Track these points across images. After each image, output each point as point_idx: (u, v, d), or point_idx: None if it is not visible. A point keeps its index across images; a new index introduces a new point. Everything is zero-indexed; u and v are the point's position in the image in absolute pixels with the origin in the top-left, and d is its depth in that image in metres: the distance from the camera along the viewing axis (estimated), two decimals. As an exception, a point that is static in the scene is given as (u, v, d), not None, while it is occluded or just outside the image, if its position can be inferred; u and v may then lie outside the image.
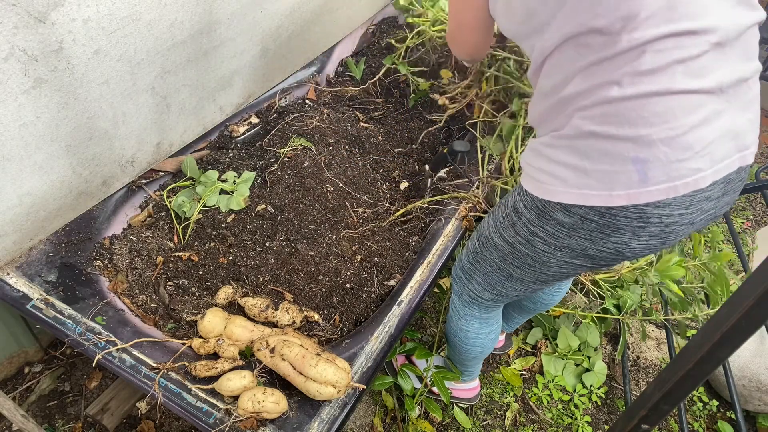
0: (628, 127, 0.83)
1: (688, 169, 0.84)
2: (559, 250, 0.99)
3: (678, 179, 0.84)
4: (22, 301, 1.25)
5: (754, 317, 0.72)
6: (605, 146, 0.86)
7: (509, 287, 1.19)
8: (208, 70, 1.63)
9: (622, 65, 0.82)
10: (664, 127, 0.82)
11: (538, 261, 1.05)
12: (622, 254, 0.95)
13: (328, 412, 1.14)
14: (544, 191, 0.96)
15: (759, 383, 1.77)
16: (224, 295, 1.38)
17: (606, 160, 0.86)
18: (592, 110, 0.87)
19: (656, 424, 1.00)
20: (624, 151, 0.84)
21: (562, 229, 0.96)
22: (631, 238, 0.91)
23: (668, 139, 0.82)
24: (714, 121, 0.83)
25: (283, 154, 1.74)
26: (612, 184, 0.86)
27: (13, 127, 1.18)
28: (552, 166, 0.94)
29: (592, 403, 1.86)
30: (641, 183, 0.85)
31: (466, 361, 1.57)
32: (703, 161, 0.84)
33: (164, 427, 1.60)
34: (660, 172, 0.84)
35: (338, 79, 2.19)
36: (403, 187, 1.82)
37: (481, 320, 1.38)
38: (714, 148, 0.84)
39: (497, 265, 1.16)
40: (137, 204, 1.58)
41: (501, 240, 1.11)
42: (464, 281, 1.32)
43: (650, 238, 0.90)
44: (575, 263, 1.01)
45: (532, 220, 1.00)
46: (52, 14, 1.13)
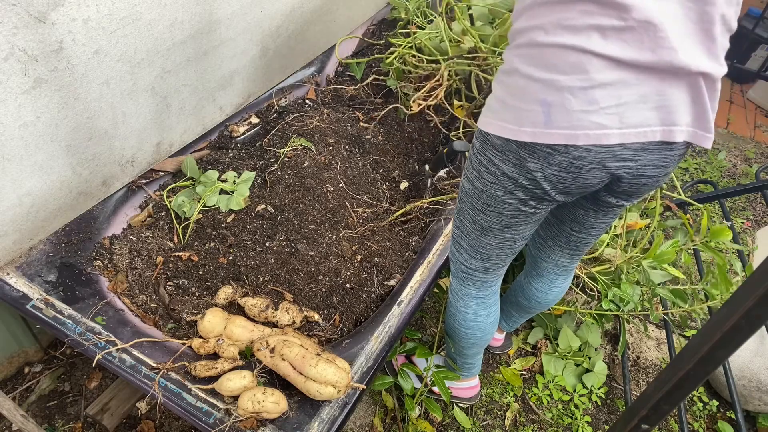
0: (543, 70, 0.89)
1: (591, 122, 0.88)
2: (498, 178, 1.03)
3: (579, 129, 0.89)
4: (22, 301, 1.25)
5: (754, 317, 0.72)
6: (522, 84, 0.92)
7: (486, 243, 1.21)
8: (208, 70, 1.63)
9: (552, 14, 0.88)
10: (573, 77, 0.87)
11: (490, 196, 1.08)
12: (540, 185, 0.99)
13: (328, 412, 1.14)
14: (481, 121, 1.03)
15: (759, 383, 1.77)
16: (224, 295, 1.38)
17: (521, 97, 0.93)
18: (522, 49, 0.93)
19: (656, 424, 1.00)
20: (535, 92, 0.90)
21: (496, 153, 1.01)
22: (544, 165, 0.95)
23: (575, 89, 0.87)
24: (631, 86, 0.87)
25: (283, 154, 1.74)
26: (521, 120, 0.93)
27: (13, 127, 1.18)
28: (491, 98, 1.02)
29: (592, 403, 1.86)
30: (545, 124, 0.91)
31: (465, 350, 1.56)
32: (609, 119, 0.88)
33: (164, 427, 1.60)
34: (563, 117, 0.89)
35: (338, 79, 2.19)
36: (403, 187, 1.82)
37: (478, 300, 1.39)
38: (625, 110, 0.88)
39: (470, 218, 1.19)
40: (137, 204, 1.58)
41: (467, 182, 1.15)
42: (456, 254, 1.34)
43: (560, 168, 0.95)
44: (518, 197, 1.05)
45: (478, 147, 1.06)
46: (52, 14, 1.13)
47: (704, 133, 0.94)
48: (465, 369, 1.66)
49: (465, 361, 1.63)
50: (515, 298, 1.63)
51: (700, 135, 0.94)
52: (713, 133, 0.94)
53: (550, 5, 0.88)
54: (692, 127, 0.93)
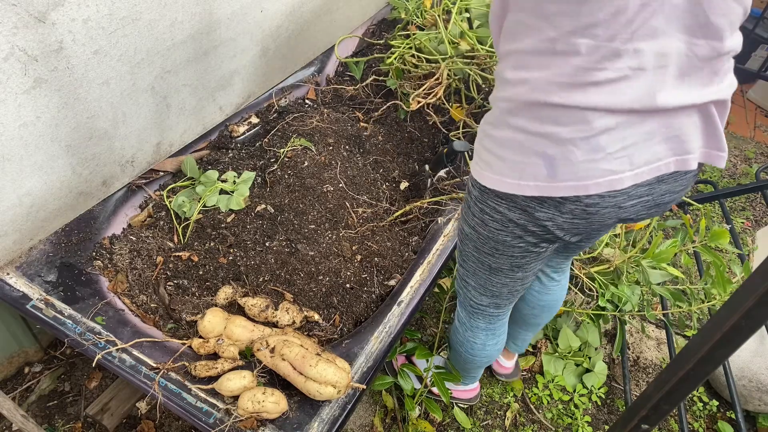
0: (538, 123, 0.85)
1: (599, 170, 0.84)
2: (506, 225, 1.00)
3: (588, 179, 0.84)
4: (22, 301, 1.25)
5: (754, 317, 0.72)
6: (517, 137, 0.88)
7: (496, 282, 1.18)
8: (208, 70, 1.63)
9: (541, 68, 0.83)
10: (574, 128, 0.82)
11: (498, 241, 1.05)
12: (552, 232, 0.96)
13: (328, 412, 1.14)
14: (476, 172, 0.99)
15: (759, 383, 1.77)
16: (224, 295, 1.38)
17: (517, 151, 0.88)
18: (510, 103, 0.88)
19: (656, 424, 1.00)
20: (533, 145, 0.86)
21: (500, 202, 0.97)
22: (555, 215, 0.91)
23: (577, 140, 0.82)
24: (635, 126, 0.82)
25: (283, 154, 1.74)
26: (522, 174, 0.89)
27: (13, 127, 1.18)
28: (480, 149, 0.97)
29: (592, 403, 1.86)
30: (550, 177, 0.86)
31: (471, 370, 1.56)
32: (618, 163, 0.83)
33: (164, 427, 1.60)
34: (568, 170, 0.84)
35: (338, 79, 2.19)
36: (403, 187, 1.82)
37: (487, 332, 1.37)
38: (634, 151, 0.84)
39: (476, 258, 1.15)
40: (137, 204, 1.58)
41: (468, 227, 1.11)
42: (464, 290, 1.31)
43: (573, 216, 0.91)
44: (531, 240, 1.01)
45: (477, 197, 1.02)
46: (52, 14, 1.13)
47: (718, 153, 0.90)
48: (467, 380, 1.66)
49: (467, 375, 1.63)
50: (518, 313, 1.60)
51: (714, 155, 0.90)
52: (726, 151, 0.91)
53: (538, 56, 0.82)
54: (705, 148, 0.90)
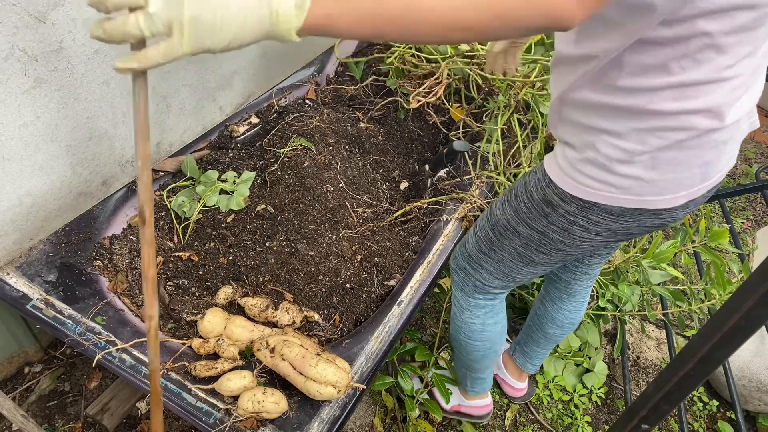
0: (697, 139, 0.88)
1: (730, 157, 0.94)
2: (599, 234, 1.02)
3: (726, 167, 0.95)
4: (22, 301, 1.25)
5: (754, 317, 0.72)
6: (674, 156, 0.89)
7: (526, 272, 1.20)
8: (208, 70, 1.63)
9: (709, 92, 0.84)
10: (724, 132, 0.88)
11: (572, 246, 1.07)
12: (665, 226, 1.02)
13: (328, 412, 1.14)
14: (596, 196, 0.96)
15: (759, 383, 1.77)
16: (224, 295, 1.38)
17: (676, 170, 0.91)
18: (665, 132, 0.87)
19: (656, 424, 1.00)
20: (693, 159, 0.89)
21: (608, 217, 0.98)
22: (678, 210, 0.97)
23: (726, 140, 0.90)
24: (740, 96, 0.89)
25: (283, 154, 1.74)
26: (677, 188, 0.93)
27: (13, 127, 1.18)
28: (610, 176, 0.93)
29: (592, 403, 1.86)
30: (702, 180, 0.93)
31: (474, 363, 1.50)
32: (737, 145, 0.96)
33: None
34: (716, 167, 0.93)
35: (338, 79, 2.19)
36: (403, 187, 1.82)
37: (486, 308, 1.36)
38: (721, 155, 0.93)
39: (517, 252, 1.16)
40: (137, 204, 1.58)
41: (528, 229, 1.10)
42: (470, 271, 1.30)
43: (696, 204, 0.98)
44: (610, 241, 1.05)
45: (572, 211, 1.01)
46: (52, 14, 1.13)
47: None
48: (476, 385, 1.60)
49: (475, 376, 1.57)
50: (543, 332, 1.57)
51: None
52: None
53: (706, 85, 0.83)
54: None
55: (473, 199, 1.62)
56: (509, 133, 1.79)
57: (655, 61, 0.82)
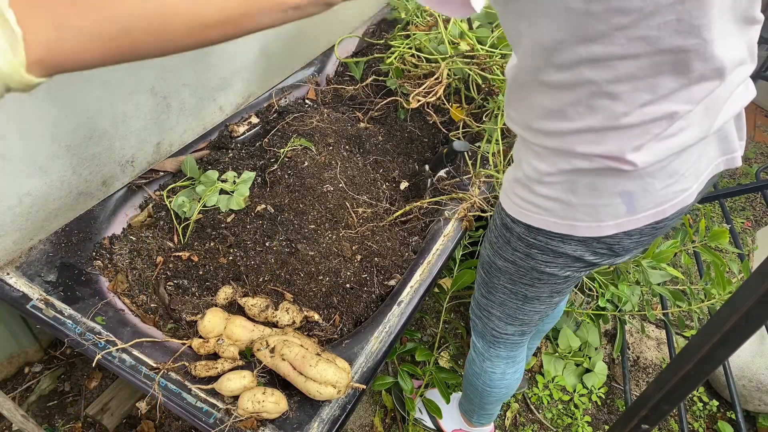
0: (615, 163, 0.82)
1: (675, 192, 0.85)
2: (558, 257, 0.98)
3: (665, 203, 0.86)
4: (22, 301, 1.25)
5: (754, 317, 0.72)
6: (592, 181, 0.85)
7: (529, 310, 1.15)
8: (208, 70, 1.63)
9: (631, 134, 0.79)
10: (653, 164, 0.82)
11: (544, 272, 1.02)
12: (615, 253, 0.95)
13: (328, 412, 1.14)
14: (530, 219, 0.95)
15: (759, 383, 1.77)
16: (224, 295, 1.38)
17: (593, 195, 0.86)
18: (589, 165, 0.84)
19: (656, 424, 1.00)
20: (611, 186, 0.84)
21: (554, 236, 0.94)
22: (623, 238, 0.91)
23: (654, 171, 0.82)
24: (695, 136, 0.82)
25: (283, 154, 1.74)
26: (601, 215, 0.87)
27: (13, 127, 1.18)
28: (536, 198, 0.93)
29: (592, 403, 1.86)
30: (629, 213, 0.86)
31: (487, 405, 1.48)
32: (689, 180, 0.86)
33: (164, 427, 1.60)
34: (647, 201, 0.85)
35: (338, 79, 2.19)
36: (403, 187, 1.82)
37: (508, 360, 1.32)
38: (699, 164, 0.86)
39: (509, 290, 1.12)
40: (137, 204, 1.58)
41: (502, 261, 1.08)
42: (484, 320, 1.26)
43: (642, 235, 0.91)
44: (579, 265, 1.00)
45: (523, 232, 0.99)
46: (52, 14, 1.13)
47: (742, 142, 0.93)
48: (483, 418, 1.59)
49: (484, 413, 1.55)
50: None
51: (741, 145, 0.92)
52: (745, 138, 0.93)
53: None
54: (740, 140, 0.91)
55: (473, 199, 1.62)
56: (509, 133, 1.79)
57: (555, 105, 0.82)
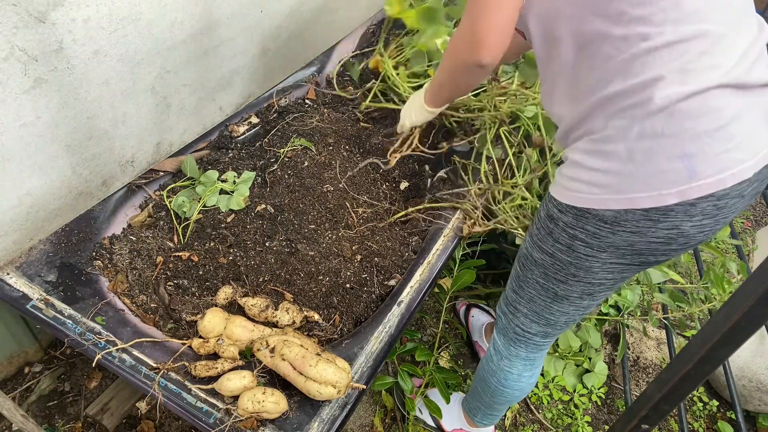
0: (673, 122, 0.82)
1: (734, 160, 0.83)
2: (603, 250, 0.95)
3: (725, 171, 0.83)
4: (22, 301, 1.25)
5: (754, 317, 0.72)
6: (650, 145, 0.84)
7: (556, 311, 1.13)
8: (208, 70, 1.63)
9: (666, 62, 0.83)
10: (707, 119, 0.81)
11: (582, 268, 1.00)
12: (674, 241, 0.90)
13: (328, 412, 1.14)
14: (584, 200, 0.93)
15: (759, 383, 1.77)
16: (224, 295, 1.38)
17: (653, 160, 0.85)
18: (635, 110, 0.85)
19: (656, 424, 1.00)
20: (671, 148, 0.83)
21: (604, 226, 0.91)
22: (683, 220, 0.87)
23: (712, 131, 0.82)
24: (748, 112, 0.84)
25: (283, 154, 1.74)
26: (661, 184, 0.85)
27: (13, 127, 1.18)
28: (590, 174, 0.91)
29: (592, 403, 1.86)
30: (690, 178, 0.83)
31: (496, 405, 1.45)
32: (746, 152, 0.84)
33: (164, 427, 1.60)
34: (707, 165, 0.83)
35: (338, 79, 2.19)
36: (403, 187, 1.82)
37: (526, 362, 1.30)
38: (753, 138, 0.85)
39: (540, 286, 1.10)
40: (137, 204, 1.58)
41: (540, 253, 1.06)
42: (510, 316, 1.25)
43: (703, 216, 0.87)
44: (622, 263, 0.97)
45: (570, 222, 0.96)
46: (51, 14, 1.13)
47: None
48: (486, 419, 1.56)
49: (490, 413, 1.53)
50: None
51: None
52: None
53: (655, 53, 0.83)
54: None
55: (473, 200, 1.61)
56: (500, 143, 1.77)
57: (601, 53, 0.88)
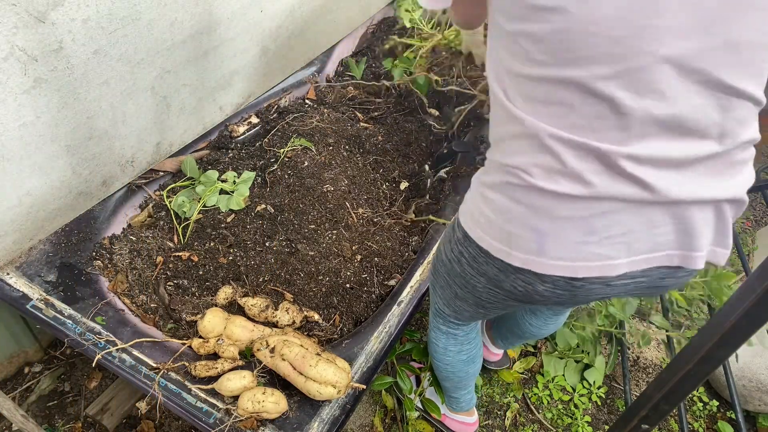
0: (536, 197, 0.77)
1: (592, 253, 0.76)
2: (481, 275, 0.93)
3: (579, 260, 0.77)
4: (22, 301, 1.25)
5: (754, 317, 0.72)
6: (510, 207, 0.81)
7: (459, 306, 1.12)
8: (208, 69, 1.63)
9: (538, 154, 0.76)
10: (572, 206, 0.74)
11: (468, 284, 0.99)
12: (531, 296, 0.88)
13: (328, 412, 1.14)
14: (465, 222, 0.93)
15: (759, 383, 1.77)
16: (224, 295, 1.38)
17: (509, 220, 0.82)
18: (508, 176, 0.81)
19: (656, 424, 1.00)
20: (527, 218, 0.79)
21: (480, 254, 0.90)
22: (536, 281, 0.84)
23: (574, 218, 0.75)
24: (639, 212, 0.75)
25: (283, 154, 1.74)
26: (511, 243, 0.82)
27: (13, 127, 1.18)
28: (473, 203, 0.91)
29: (592, 403, 1.86)
30: (539, 253, 0.79)
31: (442, 381, 1.50)
32: (614, 249, 0.76)
33: (164, 427, 1.60)
34: (559, 248, 0.77)
35: (338, 79, 2.19)
36: (403, 187, 1.82)
37: (448, 336, 1.30)
38: (634, 239, 0.76)
39: (446, 281, 1.09)
40: (137, 204, 1.58)
41: (444, 255, 1.05)
42: (432, 292, 1.25)
43: (555, 287, 0.83)
44: (499, 294, 0.94)
45: (459, 239, 0.96)
46: (51, 14, 1.13)
47: (722, 250, 0.81)
48: (452, 402, 1.59)
49: (447, 394, 1.57)
50: (510, 326, 1.55)
51: (718, 252, 0.81)
52: (730, 248, 0.81)
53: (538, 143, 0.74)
54: (712, 245, 0.80)
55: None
56: None
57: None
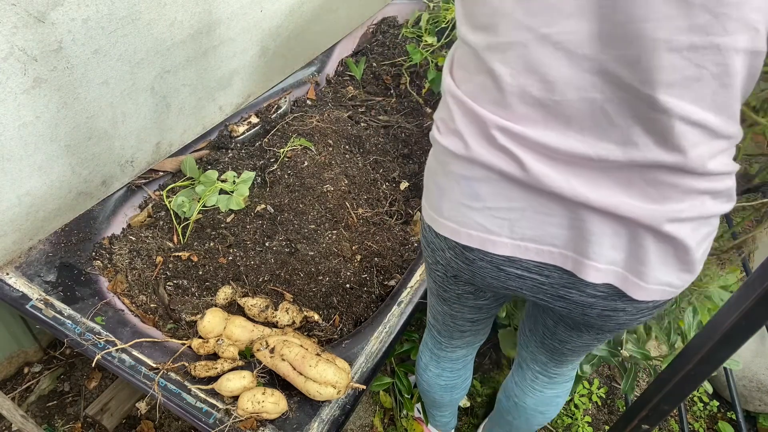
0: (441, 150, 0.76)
1: (475, 222, 0.73)
2: (429, 251, 0.90)
3: (464, 226, 0.75)
4: (22, 301, 1.25)
5: (754, 317, 0.72)
6: (429, 162, 0.81)
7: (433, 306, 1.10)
8: (208, 69, 1.63)
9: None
10: (455, 163, 0.73)
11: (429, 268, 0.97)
12: (451, 271, 0.87)
13: (328, 413, 1.14)
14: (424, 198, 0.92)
15: (759, 383, 1.77)
16: (224, 295, 1.37)
17: (427, 173, 0.82)
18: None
19: (656, 424, 1.00)
20: (434, 171, 0.79)
21: (424, 227, 0.90)
22: (445, 248, 0.82)
23: (460, 177, 0.73)
24: (523, 190, 0.69)
25: (283, 154, 1.74)
26: (426, 198, 0.83)
27: (13, 127, 1.18)
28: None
29: (592, 403, 1.86)
30: (437, 210, 0.79)
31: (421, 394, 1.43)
32: (495, 223, 0.72)
33: (164, 427, 1.59)
34: (448, 205, 0.76)
35: (338, 79, 2.19)
36: (403, 187, 1.82)
37: (431, 354, 1.27)
38: (517, 216, 0.70)
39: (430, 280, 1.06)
40: (137, 204, 1.58)
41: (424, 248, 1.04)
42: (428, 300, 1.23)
43: (455, 254, 0.81)
44: (443, 273, 0.92)
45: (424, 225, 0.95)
46: (51, 14, 1.13)
47: (635, 279, 0.68)
48: (428, 415, 1.57)
49: (426, 407, 1.54)
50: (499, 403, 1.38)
51: (631, 282, 0.69)
52: (654, 284, 0.68)
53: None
54: (622, 269, 0.69)
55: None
56: None
57: None
